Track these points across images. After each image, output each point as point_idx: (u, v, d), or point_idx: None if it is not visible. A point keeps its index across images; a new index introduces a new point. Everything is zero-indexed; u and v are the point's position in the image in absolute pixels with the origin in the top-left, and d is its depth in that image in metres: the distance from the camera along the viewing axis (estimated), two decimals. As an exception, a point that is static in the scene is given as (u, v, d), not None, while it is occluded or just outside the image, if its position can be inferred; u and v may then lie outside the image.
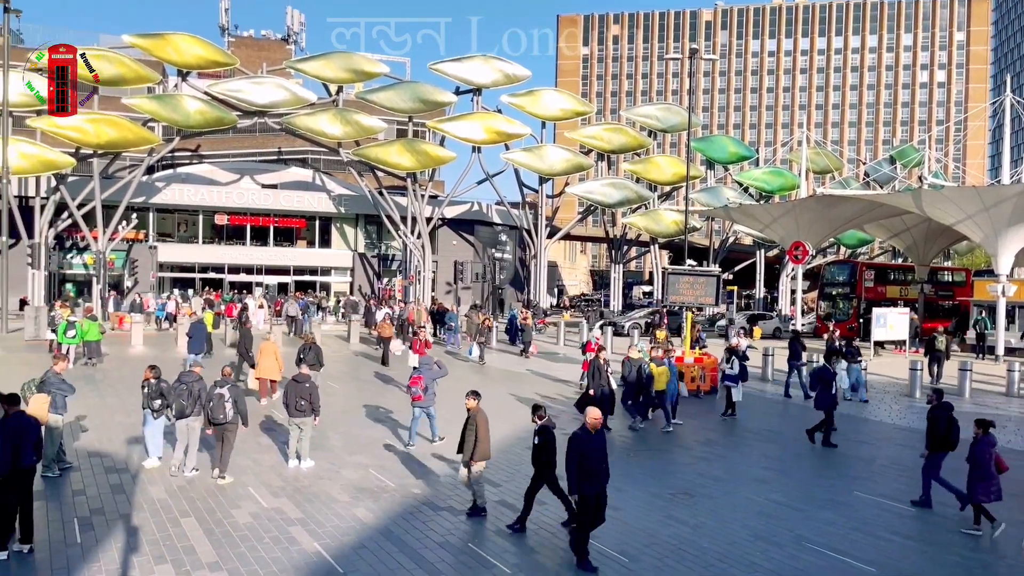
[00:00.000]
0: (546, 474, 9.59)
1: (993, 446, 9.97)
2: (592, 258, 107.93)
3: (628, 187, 47.83)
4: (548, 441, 9.49)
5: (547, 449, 9.46)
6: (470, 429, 9.94)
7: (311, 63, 40.70)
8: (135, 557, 8.48)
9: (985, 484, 9.83)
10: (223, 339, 27.94)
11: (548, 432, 9.58)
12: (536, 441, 9.52)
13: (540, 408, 9.88)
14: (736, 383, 17.44)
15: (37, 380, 11.44)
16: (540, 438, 9.49)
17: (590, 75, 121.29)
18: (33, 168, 35.46)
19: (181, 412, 11.36)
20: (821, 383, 15.06)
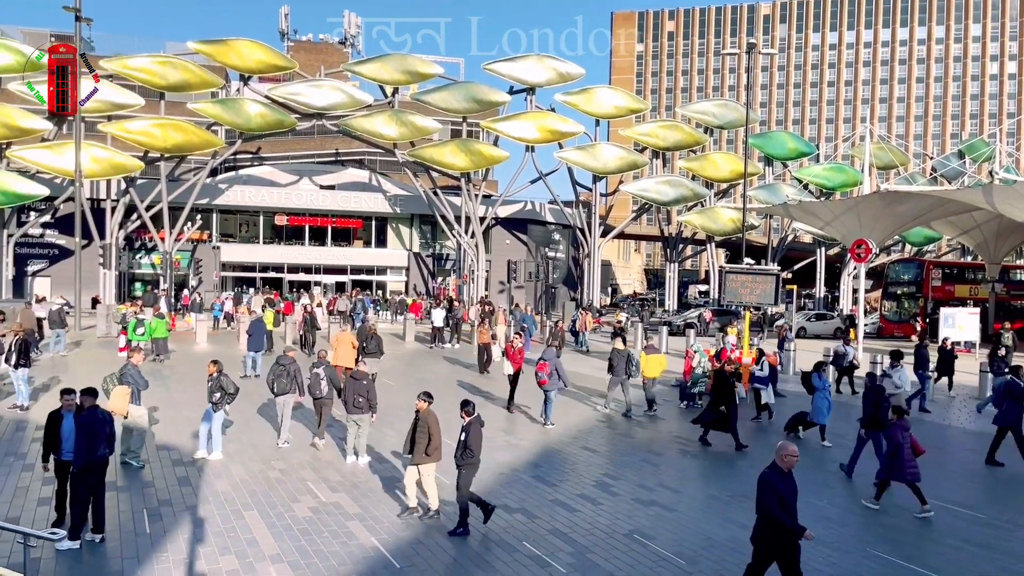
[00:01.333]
0: (466, 473, 9.42)
1: (907, 430, 10.82)
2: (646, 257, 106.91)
3: (684, 185, 47.21)
4: (476, 438, 9.39)
5: (473, 447, 9.34)
6: (421, 431, 9.64)
7: (367, 65, 41.30)
8: (201, 547, 8.74)
9: (899, 464, 10.65)
10: (283, 336, 28.56)
11: (476, 430, 9.45)
12: (463, 438, 9.37)
13: (469, 403, 9.69)
14: (766, 385, 17.03)
15: (117, 373, 11.92)
16: (467, 434, 9.36)
17: (644, 72, 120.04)
18: (104, 171, 36.88)
19: (283, 390, 13.18)
20: (1011, 398, 13.46)
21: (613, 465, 12.79)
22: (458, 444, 9.48)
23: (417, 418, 9.76)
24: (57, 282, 39.87)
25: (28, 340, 16.03)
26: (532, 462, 12.74)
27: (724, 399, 14.30)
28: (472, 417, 9.56)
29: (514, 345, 17.40)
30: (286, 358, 13.47)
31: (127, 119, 37.50)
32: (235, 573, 8.10)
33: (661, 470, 12.57)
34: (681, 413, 17.55)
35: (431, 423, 9.68)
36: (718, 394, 14.44)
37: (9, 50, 36.09)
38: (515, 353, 17.18)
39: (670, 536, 9.48)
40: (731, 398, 14.34)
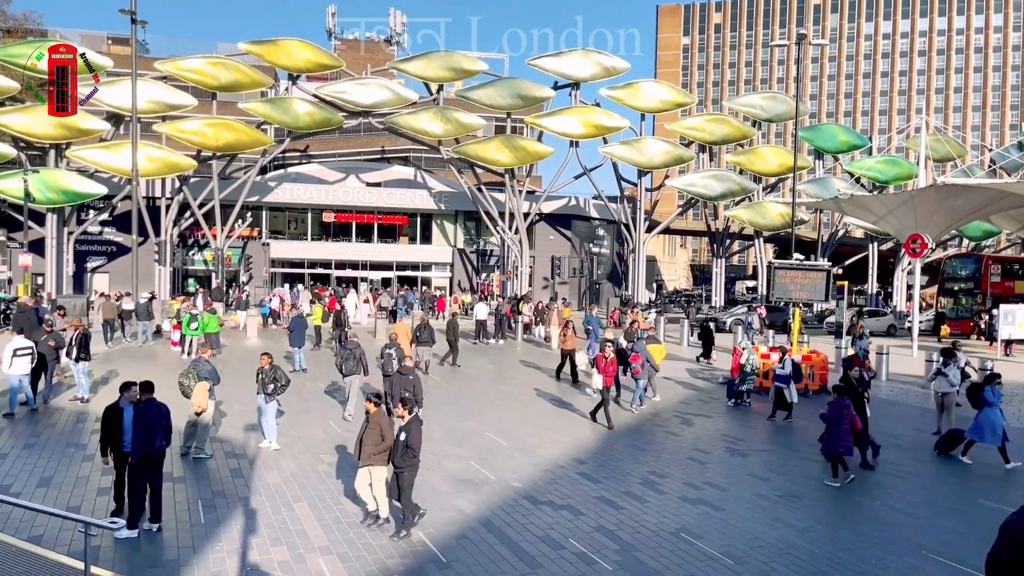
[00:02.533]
0: (408, 475, 9.11)
1: (846, 408, 11.70)
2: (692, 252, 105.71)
3: (731, 179, 46.52)
4: (417, 438, 9.08)
5: (415, 447, 9.04)
6: (372, 432, 9.25)
7: (413, 63, 41.62)
8: (253, 538, 8.95)
9: (834, 438, 11.61)
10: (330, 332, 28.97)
11: (416, 429, 9.14)
12: (402, 438, 9.03)
13: (408, 401, 9.45)
14: (788, 383, 16.51)
15: (192, 370, 12.25)
16: (408, 434, 9.03)
17: (691, 65, 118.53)
18: (159, 170, 37.91)
19: (350, 371, 15.00)
20: None
21: (659, 463, 12.69)
22: (396, 445, 9.11)
23: (367, 420, 9.41)
24: (115, 278, 41.19)
25: (87, 334, 16.57)
26: (577, 458, 12.72)
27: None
28: (412, 416, 9.28)
29: (606, 356, 15.22)
30: (351, 343, 15.49)
31: (181, 119, 38.46)
32: (286, 564, 8.26)
33: (708, 468, 12.44)
34: (728, 411, 17.33)
35: (383, 424, 9.31)
36: None
37: (69, 54, 37.24)
38: (607, 364, 15.09)
39: (717, 535, 9.38)
40: (861, 407, 12.83)
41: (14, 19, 48.96)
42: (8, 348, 14.42)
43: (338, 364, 15.41)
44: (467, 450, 13.05)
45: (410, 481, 9.18)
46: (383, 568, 8.26)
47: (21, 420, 14.22)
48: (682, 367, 23.11)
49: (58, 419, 14.46)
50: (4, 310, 27.42)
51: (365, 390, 14.24)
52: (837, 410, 11.65)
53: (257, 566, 8.20)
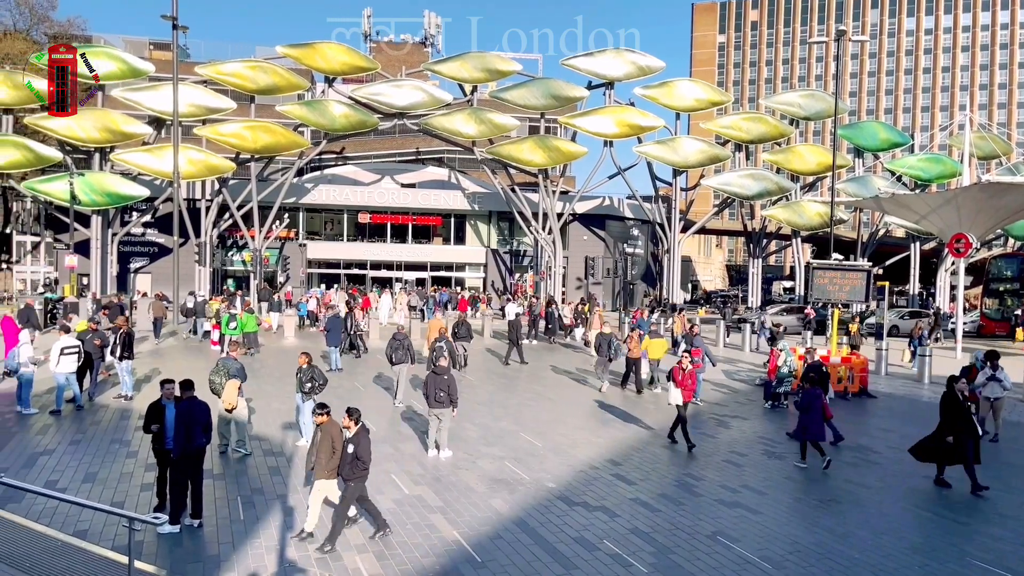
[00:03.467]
0: (355, 487, 8.77)
1: (818, 397, 12.45)
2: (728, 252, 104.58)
3: (768, 178, 45.91)
4: (366, 449, 8.76)
5: (364, 458, 8.70)
6: (323, 444, 8.90)
7: (447, 64, 41.81)
8: (291, 535, 9.06)
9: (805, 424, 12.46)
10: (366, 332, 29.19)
11: (364, 439, 8.82)
12: (350, 449, 8.68)
13: (354, 411, 9.00)
14: None
15: (221, 368, 12.47)
16: (356, 445, 8.69)
17: (726, 63, 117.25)
18: (199, 173, 38.63)
19: (400, 360, 16.29)
20: None
21: (695, 465, 12.58)
22: (343, 456, 8.74)
23: (319, 431, 9.04)
24: (157, 278, 42.06)
25: (131, 334, 16.94)
26: (612, 460, 12.66)
27: (956, 424, 11.34)
28: (359, 426, 8.91)
29: (683, 366, 13.68)
30: (400, 334, 16.65)
31: (220, 122, 39.16)
32: (323, 561, 8.35)
33: (745, 471, 12.28)
34: (765, 413, 17.11)
35: (335, 435, 8.94)
36: (949, 418, 11.44)
37: (112, 58, 38.24)
38: (685, 377, 13.60)
39: (755, 539, 9.26)
40: (968, 424, 11.41)
41: (59, 25, 50.32)
42: (56, 347, 14.80)
43: (388, 354, 16.55)
44: (501, 450, 13.07)
45: (355, 493, 8.80)
46: (418, 566, 8.30)
47: (68, 417, 14.59)
48: (717, 369, 22.86)
49: (103, 416, 14.80)
50: (51, 309, 28.16)
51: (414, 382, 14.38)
52: (809, 399, 12.46)
53: (295, 563, 8.31)
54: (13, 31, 47.07)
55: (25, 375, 14.61)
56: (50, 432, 13.39)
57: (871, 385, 19.96)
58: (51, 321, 27.02)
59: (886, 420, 16.89)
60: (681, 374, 13.64)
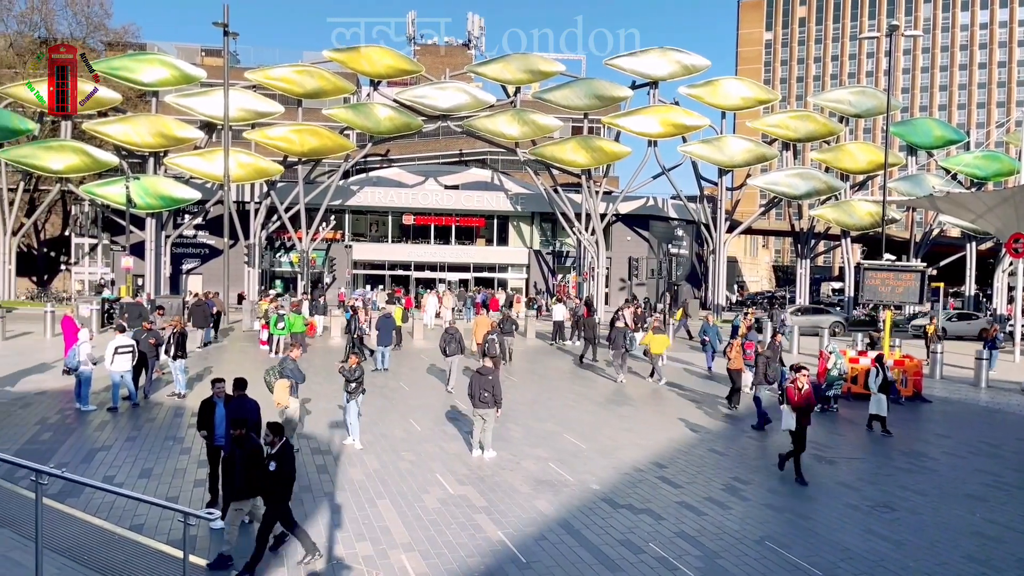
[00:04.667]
0: (281, 507, 8.16)
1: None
2: (775, 253, 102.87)
3: (816, 177, 45.02)
4: (289, 465, 8.14)
5: (287, 476, 8.09)
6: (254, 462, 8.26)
7: (490, 66, 41.97)
8: (339, 533, 9.19)
9: None
10: (410, 332, 29.46)
11: (289, 454, 8.23)
12: (273, 468, 8.04)
13: (276, 426, 8.42)
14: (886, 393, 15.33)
15: (278, 367, 12.72)
16: (278, 463, 8.07)
17: (773, 61, 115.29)
18: (248, 176, 39.46)
19: (453, 352, 18.03)
20: None
21: (742, 468, 12.39)
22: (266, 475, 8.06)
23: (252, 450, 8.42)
24: (208, 279, 43.08)
25: (184, 333, 17.37)
26: (657, 462, 12.55)
27: None
28: (282, 442, 8.32)
29: (799, 385, 12.00)
30: (452, 328, 18.51)
31: (268, 126, 39.94)
32: (370, 559, 8.45)
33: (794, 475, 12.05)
34: (814, 417, 16.73)
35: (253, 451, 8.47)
36: None
37: (165, 64, 39.29)
38: (801, 396, 11.93)
39: (805, 545, 9.08)
40: None
41: (114, 33, 51.88)
42: (110, 345, 15.26)
43: (441, 346, 18.30)
44: (545, 451, 13.06)
45: (276, 515, 8.14)
46: (463, 566, 8.35)
47: (123, 414, 15.02)
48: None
49: (157, 413, 15.21)
50: (108, 309, 29.03)
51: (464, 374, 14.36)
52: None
53: (342, 560, 8.42)
54: (70, 39, 48.66)
55: (84, 373, 15.09)
56: (107, 429, 13.80)
57: (925, 389, 19.44)
58: (107, 321, 27.85)
59: (941, 425, 16.43)
60: (797, 394, 11.87)
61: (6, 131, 37.68)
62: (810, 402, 11.96)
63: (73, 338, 17.00)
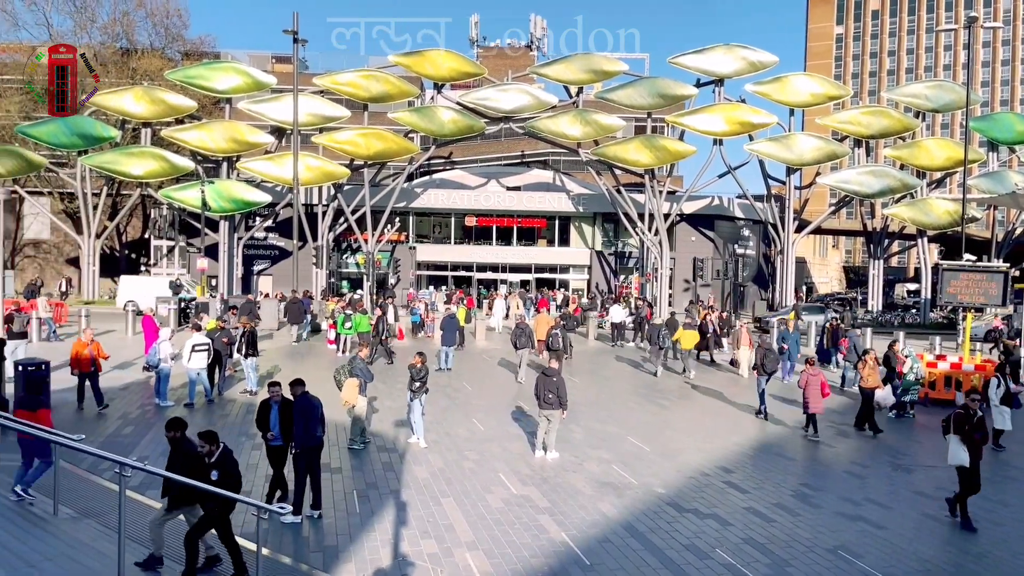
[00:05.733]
0: (218, 518, 7.74)
1: (815, 376, 14.25)
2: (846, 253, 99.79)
3: (890, 175, 43.45)
4: (231, 472, 7.80)
5: (231, 487, 7.67)
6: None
7: (553, 67, 41.93)
8: (404, 530, 9.33)
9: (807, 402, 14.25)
10: (473, 332, 29.64)
11: (230, 461, 7.89)
12: (215, 477, 7.71)
13: (210, 434, 7.94)
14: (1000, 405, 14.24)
15: (347, 366, 13.03)
16: (221, 471, 7.75)
17: (844, 56, 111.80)
18: (316, 179, 40.42)
19: (524, 345, 19.72)
20: None
21: (813, 475, 12.07)
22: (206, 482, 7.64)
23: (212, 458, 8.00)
24: (278, 280, 44.27)
25: (255, 332, 17.91)
26: (723, 467, 12.34)
27: None
28: (220, 450, 7.91)
29: (971, 411, 10.06)
30: (523, 323, 20.43)
31: (335, 130, 40.82)
32: (435, 557, 8.55)
33: (868, 483, 11.68)
34: (889, 422, 16.20)
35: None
36: None
37: (238, 72, 40.60)
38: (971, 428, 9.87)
39: (880, 556, 8.79)
40: None
41: (191, 43, 53.87)
42: (187, 344, 15.85)
43: (512, 340, 20.17)
44: (608, 453, 12.98)
45: (211, 524, 7.70)
46: (527, 566, 8.37)
47: (199, 410, 15.57)
48: (835, 375, 21.83)
49: (230, 410, 15.72)
50: (184, 309, 30.13)
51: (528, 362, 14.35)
52: (808, 378, 14.24)
53: (407, 557, 8.54)
54: (150, 50, 50.73)
55: (164, 370, 15.72)
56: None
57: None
58: (184, 320, 28.91)
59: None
60: (968, 423, 9.89)
61: (90, 138, 39.56)
62: (984, 434, 10.08)
63: (153, 336, 17.73)
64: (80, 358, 15.00)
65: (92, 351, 15.16)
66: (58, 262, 51.67)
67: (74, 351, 15.17)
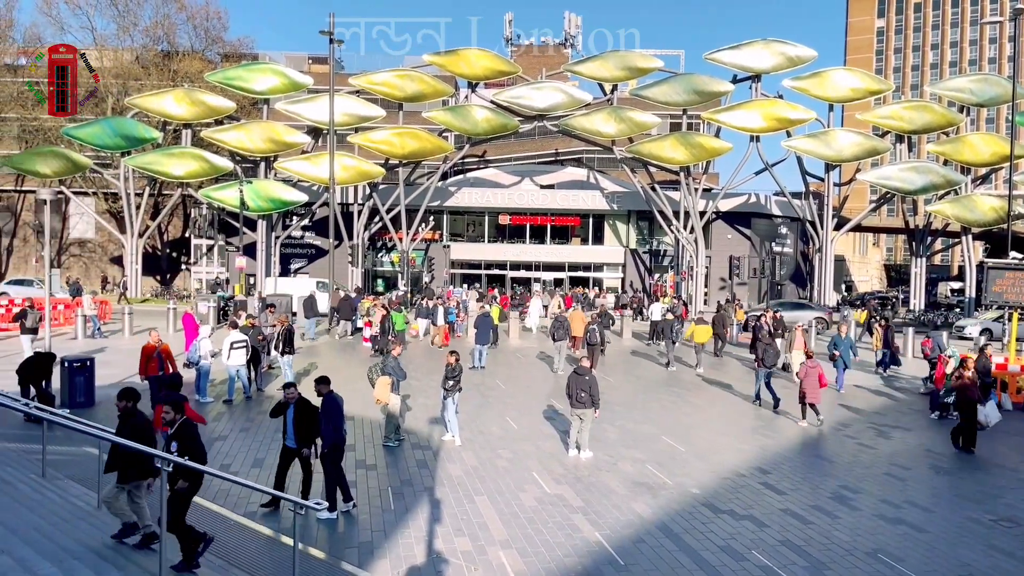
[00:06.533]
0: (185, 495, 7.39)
1: (813, 367, 15.05)
2: (887, 251, 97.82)
3: (933, 171, 42.46)
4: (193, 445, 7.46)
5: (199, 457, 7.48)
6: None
7: (587, 64, 41.76)
8: (438, 527, 9.39)
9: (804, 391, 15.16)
10: (506, 331, 29.70)
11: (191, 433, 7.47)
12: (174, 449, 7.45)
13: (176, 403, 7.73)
14: None
15: (380, 365, 13.15)
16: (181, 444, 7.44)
17: (885, 49, 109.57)
18: (352, 178, 40.82)
19: (561, 338, 21.05)
20: None
21: (852, 477, 11.86)
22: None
23: None
24: (314, 278, 44.79)
25: (291, 330, 18.16)
26: (759, 468, 12.19)
27: None
28: (182, 418, 7.64)
29: None
30: (561, 316, 21.82)
31: (371, 130, 41.17)
32: (469, 554, 8.59)
33: (909, 486, 11.45)
34: (931, 424, 15.86)
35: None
36: None
37: (275, 73, 41.16)
38: None
39: (921, 560, 8.61)
40: None
41: (230, 45, 54.78)
42: (226, 341, 16.14)
43: (551, 333, 21.53)
44: (642, 453, 12.91)
45: (186, 503, 7.44)
46: (561, 566, 8.36)
47: (238, 406, 15.84)
48: (876, 376, 21.43)
49: (268, 406, 15.80)
50: (224, 307, 30.66)
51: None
52: (807, 369, 15.11)
53: (441, 554, 8.60)
54: (191, 52, 51.70)
55: (204, 366, 16.03)
56: (223, 419, 14.59)
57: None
58: (223, 318, 29.43)
59: (1076, 437, 15.19)
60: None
61: (133, 139, 40.44)
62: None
63: (193, 333, 18.07)
64: (150, 363, 14.31)
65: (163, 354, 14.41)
66: (102, 261, 53.01)
67: (143, 356, 14.43)
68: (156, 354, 14.35)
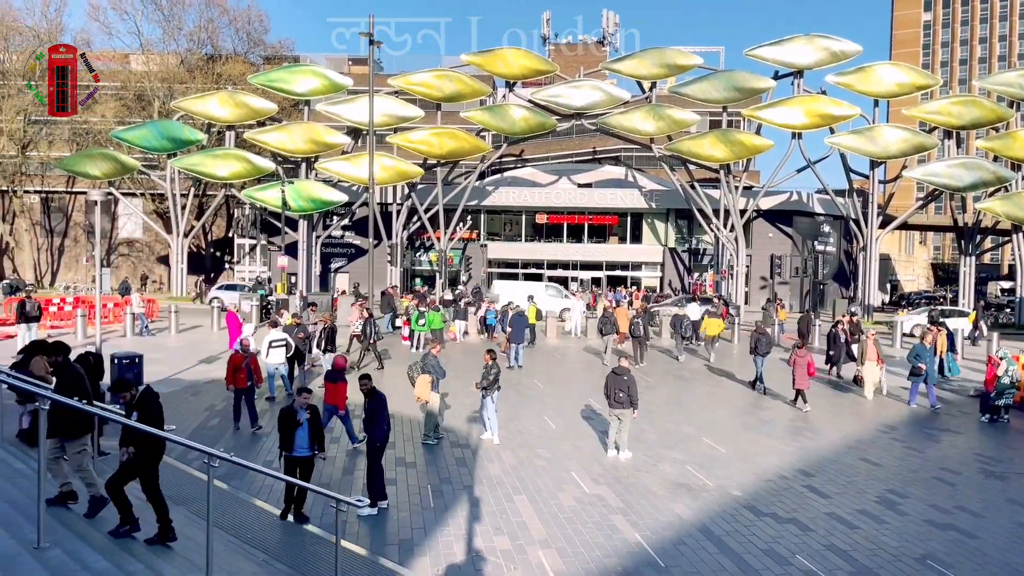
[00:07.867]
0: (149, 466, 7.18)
1: (802, 357, 15.97)
2: (934, 250, 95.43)
3: (983, 167, 41.30)
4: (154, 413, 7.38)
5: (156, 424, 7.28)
6: None
7: (625, 62, 41.53)
8: (477, 526, 9.41)
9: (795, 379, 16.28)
10: (543, 330, 29.66)
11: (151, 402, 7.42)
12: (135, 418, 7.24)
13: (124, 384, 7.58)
14: None
15: (420, 363, 13.25)
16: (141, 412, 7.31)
17: (932, 43, 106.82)
18: (391, 178, 41.20)
19: (608, 332, 22.37)
20: None
21: (899, 481, 11.60)
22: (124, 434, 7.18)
23: None
24: (354, 277, 45.31)
25: (334, 328, 18.37)
26: (803, 470, 11.99)
27: None
28: (143, 389, 7.59)
29: None
30: (610, 311, 23.26)
31: (409, 130, 41.50)
32: (508, 553, 8.60)
33: (958, 490, 11.16)
34: (982, 428, 15.43)
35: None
36: None
37: (316, 75, 41.73)
38: None
39: (972, 566, 8.38)
40: None
41: (271, 48, 55.65)
42: (265, 340, 16.36)
43: (599, 327, 23.02)
44: (682, 454, 12.79)
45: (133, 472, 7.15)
46: (600, 566, 8.32)
47: (280, 403, 16.05)
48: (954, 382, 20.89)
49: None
50: (266, 305, 31.17)
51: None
52: (796, 358, 16.04)
53: (480, 552, 8.62)
54: (233, 55, 52.66)
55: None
56: (266, 417, 14.81)
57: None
58: (265, 316, 29.91)
59: None
60: None
61: (178, 141, 41.35)
62: None
63: (237, 331, 18.39)
64: (239, 374, 13.67)
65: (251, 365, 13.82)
66: (150, 260, 54.31)
67: (230, 366, 13.81)
68: (245, 364, 13.68)
